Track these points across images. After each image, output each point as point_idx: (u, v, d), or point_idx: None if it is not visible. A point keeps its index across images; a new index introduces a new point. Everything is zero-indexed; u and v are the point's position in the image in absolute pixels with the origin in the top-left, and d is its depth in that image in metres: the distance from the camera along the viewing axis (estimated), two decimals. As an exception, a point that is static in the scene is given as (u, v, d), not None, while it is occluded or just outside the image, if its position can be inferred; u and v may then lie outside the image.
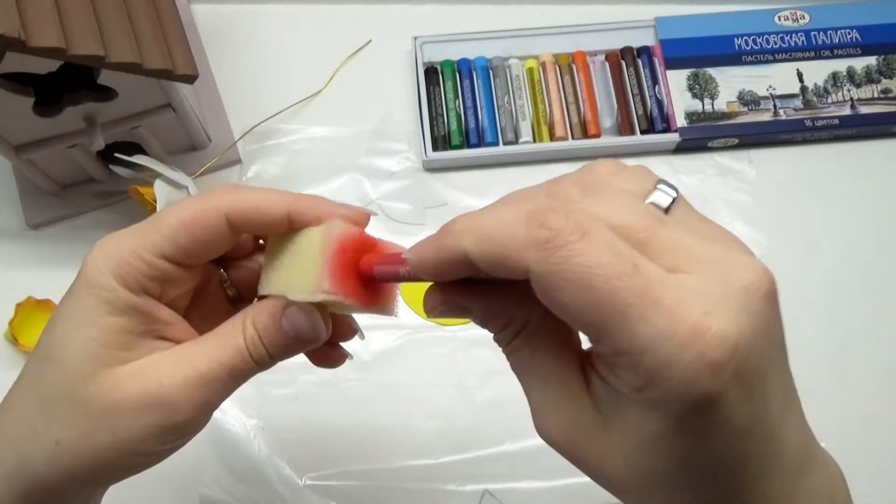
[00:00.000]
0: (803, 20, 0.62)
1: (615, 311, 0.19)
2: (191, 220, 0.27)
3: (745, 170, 0.59)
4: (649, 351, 0.19)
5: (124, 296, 0.27)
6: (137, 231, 0.28)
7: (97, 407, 0.26)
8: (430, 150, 0.58)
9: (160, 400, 0.26)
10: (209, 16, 0.63)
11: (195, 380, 0.27)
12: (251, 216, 0.28)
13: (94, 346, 0.27)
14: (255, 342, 0.28)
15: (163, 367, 0.27)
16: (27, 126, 0.47)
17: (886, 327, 0.54)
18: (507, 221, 0.21)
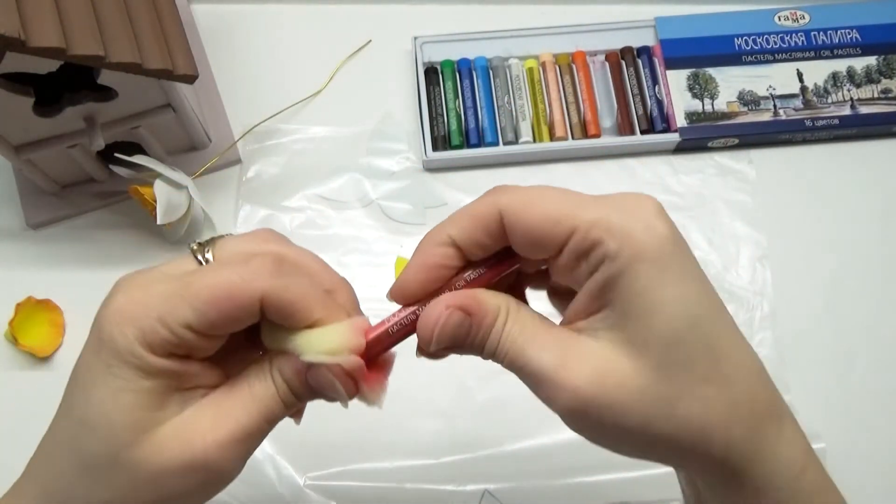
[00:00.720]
0: (803, 20, 0.62)
1: (573, 209, 0.27)
2: (225, 298, 0.26)
3: (745, 170, 0.59)
4: (611, 218, 0.26)
5: (154, 361, 0.26)
6: (164, 297, 0.26)
7: (142, 472, 0.26)
8: (430, 150, 0.58)
9: (206, 462, 0.27)
10: (209, 16, 0.63)
11: (237, 435, 0.27)
12: (284, 310, 0.27)
13: (134, 413, 0.26)
14: (284, 390, 0.28)
15: (203, 424, 0.27)
16: (27, 126, 0.47)
17: (887, 327, 0.54)
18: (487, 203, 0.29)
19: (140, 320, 0.26)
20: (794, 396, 0.51)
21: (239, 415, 0.27)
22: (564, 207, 0.27)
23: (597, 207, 0.27)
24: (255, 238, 0.30)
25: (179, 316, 0.26)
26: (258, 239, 0.30)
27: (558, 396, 0.26)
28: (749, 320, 0.54)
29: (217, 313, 0.26)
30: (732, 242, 0.56)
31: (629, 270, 0.25)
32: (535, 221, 0.27)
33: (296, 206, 0.57)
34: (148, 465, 0.26)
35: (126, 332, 0.26)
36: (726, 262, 0.56)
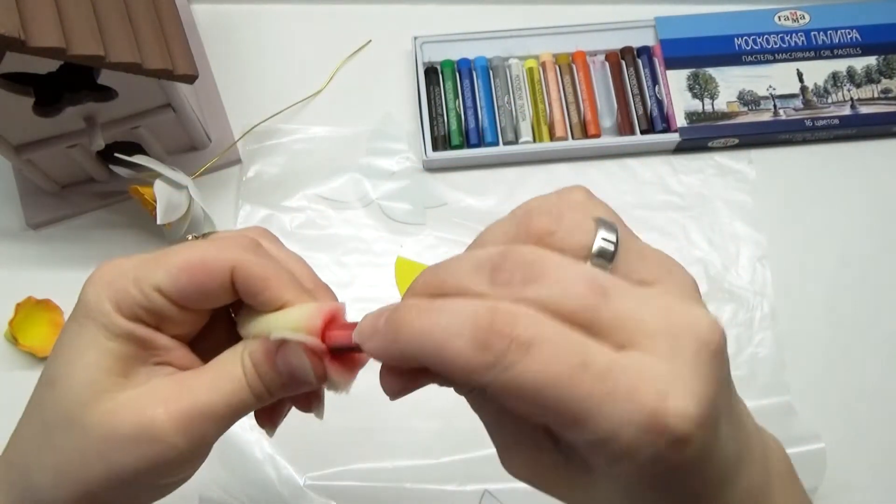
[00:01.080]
0: (803, 20, 0.62)
1: (572, 409, 0.20)
2: (197, 264, 0.27)
3: (745, 170, 0.59)
4: (612, 440, 0.20)
5: (120, 322, 0.26)
6: (142, 261, 0.27)
7: (92, 435, 0.26)
8: (430, 150, 0.58)
9: (154, 434, 0.25)
10: (209, 16, 0.63)
11: (193, 412, 0.26)
12: (253, 286, 0.27)
13: (93, 372, 0.26)
14: (253, 375, 0.27)
15: (160, 397, 0.26)
16: (27, 126, 0.47)
17: (887, 327, 0.54)
18: (452, 334, 0.21)
19: (114, 282, 0.26)
20: (794, 396, 0.51)
21: (200, 391, 0.27)
22: (574, 403, 0.20)
23: (611, 410, 0.20)
24: (247, 230, 0.30)
25: (151, 278, 0.26)
26: (249, 231, 0.30)
27: (503, 465, 0.27)
28: (749, 320, 0.54)
29: (188, 278, 0.26)
30: (732, 242, 0.56)
31: (613, 476, 0.22)
32: (535, 415, 0.21)
33: (296, 206, 0.57)
34: (98, 427, 0.26)
35: (98, 292, 0.26)
36: (726, 262, 0.56)
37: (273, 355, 0.27)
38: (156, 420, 0.26)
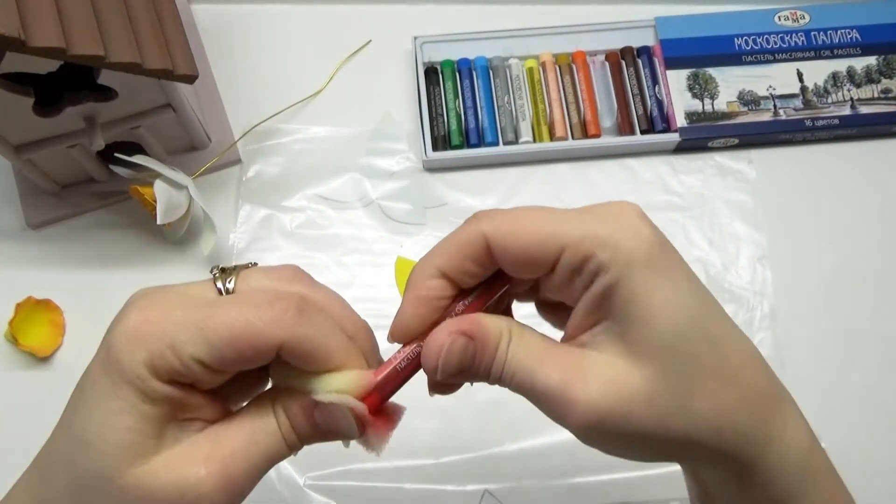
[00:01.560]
0: (803, 20, 0.62)
1: (559, 228, 0.27)
2: (243, 340, 0.26)
3: (745, 170, 0.59)
4: (598, 232, 0.26)
5: (157, 386, 0.26)
6: (180, 323, 0.26)
7: (133, 497, 0.26)
8: (430, 150, 0.58)
9: (198, 495, 0.26)
10: (209, 16, 0.63)
11: (232, 469, 0.26)
12: (303, 359, 0.27)
13: (132, 436, 0.26)
14: (288, 429, 0.28)
15: (199, 455, 0.26)
16: (27, 126, 0.47)
17: (887, 326, 0.54)
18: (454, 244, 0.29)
19: (151, 343, 0.25)
20: (794, 396, 0.51)
21: (236, 450, 0.27)
22: (549, 226, 0.27)
23: (582, 222, 0.27)
24: (281, 276, 0.29)
25: (193, 348, 0.25)
26: (284, 278, 0.29)
27: (571, 413, 0.26)
28: (749, 320, 0.54)
29: (233, 353, 0.26)
30: (732, 242, 0.56)
31: (623, 278, 0.26)
32: (523, 244, 0.27)
33: (296, 206, 0.57)
34: (139, 490, 0.26)
35: (134, 354, 0.25)
36: (726, 262, 0.56)
37: (312, 411, 0.28)
38: (197, 481, 0.26)
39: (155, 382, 0.26)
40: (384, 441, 0.29)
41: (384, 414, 0.29)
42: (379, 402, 0.29)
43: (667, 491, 0.49)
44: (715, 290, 0.54)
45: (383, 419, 0.29)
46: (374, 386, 0.28)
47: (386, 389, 0.29)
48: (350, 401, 0.27)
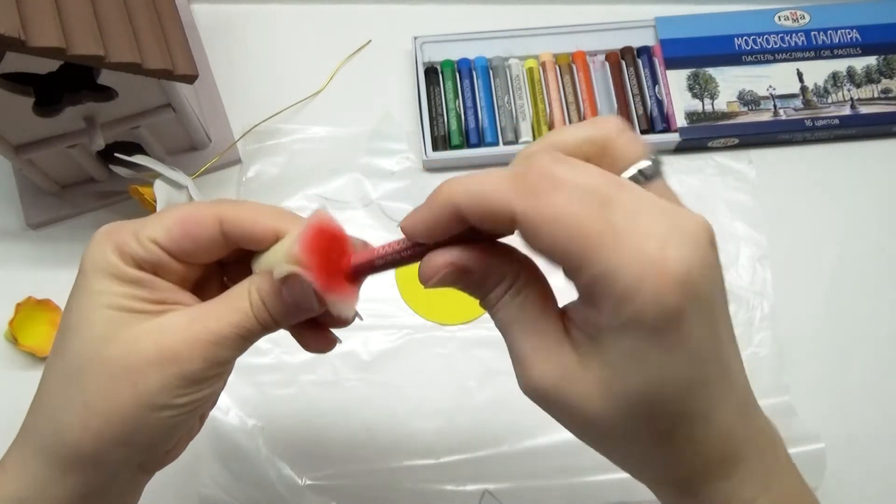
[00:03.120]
0: (803, 20, 0.62)
1: (587, 244, 0.23)
2: (187, 216, 0.30)
3: (745, 170, 0.59)
4: (620, 273, 0.23)
5: (127, 269, 0.29)
6: (139, 220, 0.30)
7: (118, 366, 0.28)
8: (430, 150, 0.58)
9: (175, 354, 0.28)
10: (209, 16, 0.63)
11: (207, 336, 0.29)
12: (243, 226, 0.30)
13: (110, 312, 0.29)
14: (259, 307, 0.29)
15: (176, 326, 0.29)
16: (27, 126, 0.47)
17: (887, 327, 0.54)
18: (493, 179, 0.25)
19: (117, 236, 0.29)
20: (794, 396, 0.51)
21: (210, 321, 0.29)
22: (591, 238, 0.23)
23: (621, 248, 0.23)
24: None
25: (148, 232, 0.29)
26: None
27: (520, 379, 0.27)
28: (749, 320, 0.54)
29: (180, 230, 0.29)
30: (732, 242, 0.56)
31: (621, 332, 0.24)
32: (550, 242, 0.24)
33: (296, 206, 0.57)
34: (124, 358, 0.28)
35: (104, 246, 0.29)
36: (726, 262, 0.56)
37: (278, 288, 0.29)
38: (174, 344, 0.28)
39: (124, 266, 0.29)
40: (348, 306, 0.30)
41: (353, 283, 0.30)
42: (352, 272, 0.30)
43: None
44: (715, 290, 0.55)
45: (346, 286, 0.30)
46: (322, 238, 0.29)
47: (361, 264, 0.30)
48: (291, 268, 0.28)
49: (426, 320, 0.54)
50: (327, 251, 0.29)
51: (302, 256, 0.28)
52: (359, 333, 0.53)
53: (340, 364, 0.52)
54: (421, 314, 0.54)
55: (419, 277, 0.28)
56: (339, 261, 0.30)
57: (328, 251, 0.29)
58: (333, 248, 0.29)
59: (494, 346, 0.53)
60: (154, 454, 0.32)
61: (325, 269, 0.29)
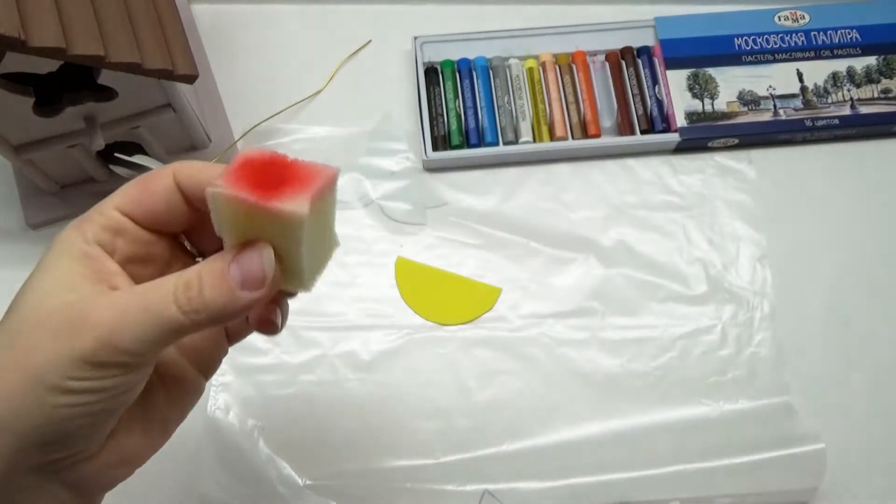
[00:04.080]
0: (803, 20, 0.62)
1: None
2: (144, 177, 0.30)
3: (745, 170, 0.59)
4: None
5: (77, 244, 0.28)
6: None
7: (16, 334, 0.27)
8: (430, 150, 0.58)
9: (72, 326, 0.26)
10: (209, 16, 0.63)
11: (107, 311, 0.26)
12: (192, 174, 0.29)
13: (52, 282, 0.28)
14: (183, 290, 0.27)
15: (89, 300, 0.27)
16: (27, 126, 0.47)
17: (887, 327, 0.54)
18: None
19: (85, 216, 0.29)
20: (794, 396, 0.51)
21: (119, 295, 0.27)
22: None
23: None
24: None
25: (109, 201, 0.29)
26: None
27: None
28: (749, 320, 0.54)
29: (138, 190, 0.30)
30: (732, 242, 0.56)
31: None
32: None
33: (296, 206, 0.57)
34: (29, 319, 0.27)
35: (68, 227, 0.29)
36: (726, 262, 0.56)
37: (228, 263, 0.27)
38: (76, 320, 0.26)
39: (77, 241, 0.29)
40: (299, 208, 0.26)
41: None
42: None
43: (667, 491, 0.49)
44: (715, 290, 0.55)
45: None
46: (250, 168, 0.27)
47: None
48: (218, 185, 0.26)
49: (426, 320, 0.54)
50: (260, 172, 0.27)
51: (227, 175, 0.26)
52: (359, 333, 0.53)
53: (340, 364, 0.52)
54: (421, 314, 0.54)
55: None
56: (278, 181, 0.27)
57: (261, 172, 0.27)
58: (268, 169, 0.27)
59: (494, 346, 0.53)
60: (51, 454, 0.27)
61: (258, 185, 0.26)
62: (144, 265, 0.31)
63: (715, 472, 0.49)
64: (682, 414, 0.51)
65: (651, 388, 0.52)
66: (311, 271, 0.30)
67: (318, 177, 0.27)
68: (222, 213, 0.27)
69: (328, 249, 0.31)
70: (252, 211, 0.26)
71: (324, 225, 0.30)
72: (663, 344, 0.53)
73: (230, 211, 0.27)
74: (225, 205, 0.27)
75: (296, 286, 0.30)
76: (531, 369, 0.52)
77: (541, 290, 0.55)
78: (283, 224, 0.27)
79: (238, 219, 0.27)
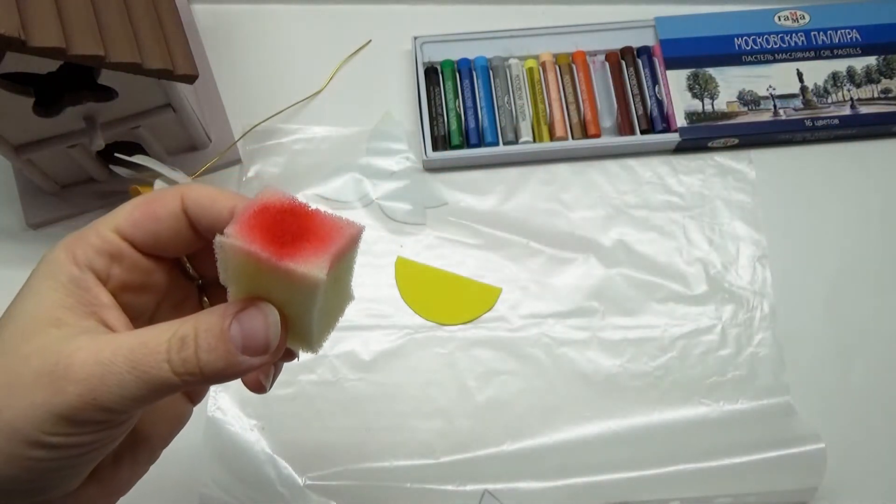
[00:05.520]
0: (803, 20, 0.62)
1: None
2: (149, 197, 0.28)
3: (745, 170, 0.59)
4: None
5: (66, 268, 0.26)
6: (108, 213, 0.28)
7: (27, 365, 0.24)
8: (430, 150, 0.58)
9: (52, 377, 0.24)
10: (209, 16, 0.63)
11: (90, 365, 0.24)
12: (201, 202, 0.27)
13: (29, 320, 0.25)
14: (184, 340, 0.25)
15: (73, 346, 0.25)
16: (27, 126, 0.47)
17: (887, 327, 0.54)
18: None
19: (77, 235, 0.27)
20: (794, 396, 0.51)
21: (106, 349, 0.24)
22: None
23: None
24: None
25: (109, 222, 0.27)
26: None
27: None
28: (749, 320, 0.54)
29: (141, 212, 0.27)
30: (732, 242, 0.56)
31: None
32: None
33: (296, 206, 0.57)
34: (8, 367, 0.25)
35: (59, 246, 0.27)
36: (726, 262, 0.56)
37: (228, 320, 0.25)
38: (56, 370, 0.24)
39: (66, 264, 0.26)
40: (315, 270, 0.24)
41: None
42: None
43: (667, 491, 0.49)
44: (715, 290, 0.55)
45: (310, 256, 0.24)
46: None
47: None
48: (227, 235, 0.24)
49: (426, 320, 0.54)
50: (277, 222, 0.24)
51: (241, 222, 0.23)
52: (359, 333, 0.53)
53: (340, 364, 0.52)
54: (421, 314, 0.54)
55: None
56: (296, 236, 0.24)
57: (278, 222, 0.24)
58: (286, 220, 0.24)
59: (494, 346, 0.53)
60: (32, 497, 0.26)
61: (273, 239, 0.24)
62: (140, 294, 0.28)
63: (715, 472, 0.49)
64: (682, 414, 0.51)
65: (651, 388, 0.52)
66: (319, 333, 0.27)
67: (340, 235, 0.25)
68: (230, 264, 0.25)
69: (341, 306, 0.29)
70: (263, 267, 0.24)
71: (341, 284, 0.28)
72: (663, 344, 0.53)
73: (239, 263, 0.24)
74: (234, 256, 0.24)
75: (301, 348, 0.28)
76: (531, 369, 0.52)
77: (541, 290, 0.55)
78: (296, 286, 0.24)
79: (247, 272, 0.25)
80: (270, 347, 0.25)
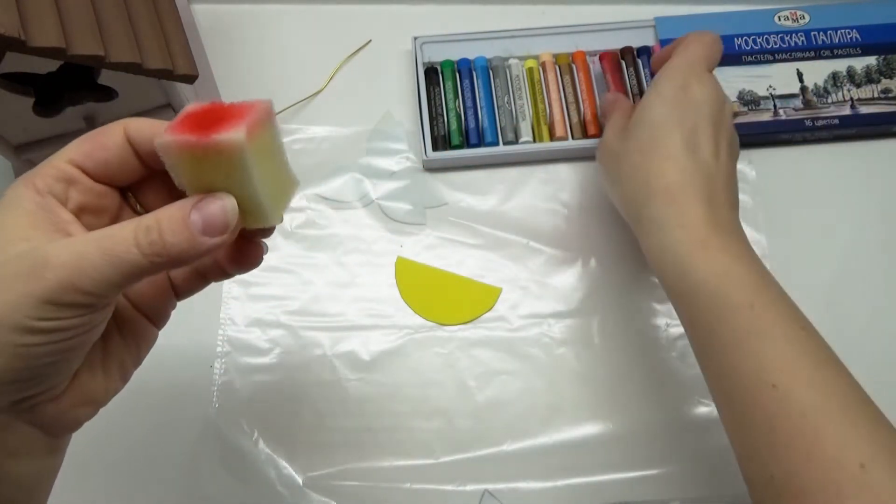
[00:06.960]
0: (803, 20, 0.62)
1: None
2: (95, 133, 0.31)
3: (745, 170, 0.59)
4: None
5: (29, 196, 0.29)
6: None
7: (9, 268, 0.27)
8: (430, 150, 0.58)
9: (31, 270, 0.26)
10: (209, 16, 0.63)
11: (66, 255, 0.27)
12: (142, 128, 0.30)
13: (2, 239, 0.28)
14: (149, 228, 0.27)
15: (47, 247, 0.27)
16: (27, 126, 0.47)
17: (888, 327, 0.54)
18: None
19: (34, 170, 0.30)
20: (794, 396, 0.51)
21: (78, 239, 0.28)
22: None
23: None
24: None
25: (62, 154, 0.30)
26: None
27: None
28: (749, 320, 0.54)
29: (89, 142, 0.30)
30: (732, 242, 0.56)
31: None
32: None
33: (296, 206, 0.57)
34: (13, 261, 0.27)
35: (17, 183, 0.29)
36: (726, 262, 0.56)
37: (188, 210, 0.28)
38: (35, 252, 0.27)
39: (29, 192, 0.29)
40: (231, 132, 0.28)
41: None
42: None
43: (667, 491, 0.49)
44: (715, 290, 0.55)
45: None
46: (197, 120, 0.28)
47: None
48: (164, 135, 0.28)
49: (426, 320, 0.54)
50: (199, 118, 0.28)
51: (170, 126, 0.28)
52: (359, 333, 0.53)
53: (340, 364, 0.52)
54: (421, 314, 0.54)
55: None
56: (214, 122, 0.28)
57: (200, 118, 0.28)
58: (206, 115, 0.29)
59: (494, 346, 0.53)
60: (22, 391, 0.28)
61: (197, 128, 0.28)
62: (97, 216, 0.31)
63: (715, 471, 0.49)
64: (682, 414, 0.51)
65: (651, 388, 0.52)
66: (273, 205, 0.31)
67: (252, 110, 0.29)
68: (173, 162, 0.28)
69: (287, 183, 0.33)
70: (197, 152, 0.28)
71: (273, 158, 0.31)
72: (663, 344, 0.53)
73: (179, 158, 0.28)
74: (172, 152, 0.28)
75: (262, 221, 0.31)
76: (531, 369, 0.52)
77: (541, 290, 0.55)
78: (226, 158, 0.28)
79: (189, 165, 0.28)
80: (229, 227, 0.29)
